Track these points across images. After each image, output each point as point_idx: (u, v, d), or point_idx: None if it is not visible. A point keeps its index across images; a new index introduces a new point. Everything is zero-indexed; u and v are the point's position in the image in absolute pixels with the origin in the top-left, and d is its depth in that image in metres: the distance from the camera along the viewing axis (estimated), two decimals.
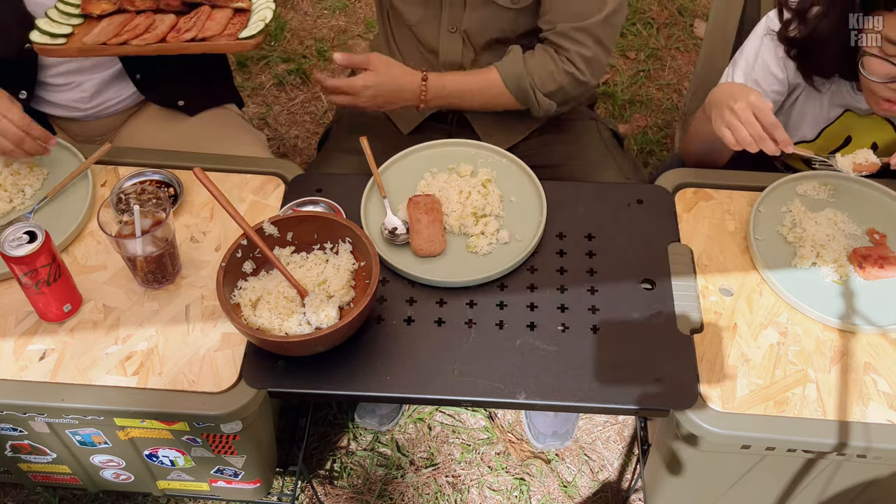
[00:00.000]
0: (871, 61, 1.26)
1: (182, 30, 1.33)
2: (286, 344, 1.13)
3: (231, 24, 1.35)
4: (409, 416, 1.89)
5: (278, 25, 2.89)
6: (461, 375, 1.17)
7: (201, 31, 1.31)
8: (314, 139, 2.57)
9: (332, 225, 1.24)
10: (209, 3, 1.37)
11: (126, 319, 1.23)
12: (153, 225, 1.21)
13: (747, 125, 1.24)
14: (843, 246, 1.31)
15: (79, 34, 1.34)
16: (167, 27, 1.33)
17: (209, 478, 1.37)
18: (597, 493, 1.78)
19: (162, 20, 1.35)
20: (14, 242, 1.12)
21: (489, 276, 1.27)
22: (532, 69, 1.46)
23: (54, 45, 1.32)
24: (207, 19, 1.35)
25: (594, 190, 1.42)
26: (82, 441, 1.26)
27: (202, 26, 1.32)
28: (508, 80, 1.47)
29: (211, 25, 1.33)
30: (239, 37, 1.31)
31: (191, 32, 1.31)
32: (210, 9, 1.37)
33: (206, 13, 1.36)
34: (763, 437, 1.12)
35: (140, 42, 1.30)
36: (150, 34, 1.31)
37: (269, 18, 1.34)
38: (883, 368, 1.18)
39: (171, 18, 1.36)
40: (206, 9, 1.37)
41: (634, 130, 2.60)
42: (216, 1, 1.37)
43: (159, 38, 1.31)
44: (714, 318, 1.24)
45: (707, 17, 2.92)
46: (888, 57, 1.24)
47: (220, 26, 1.33)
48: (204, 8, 1.37)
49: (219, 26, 1.33)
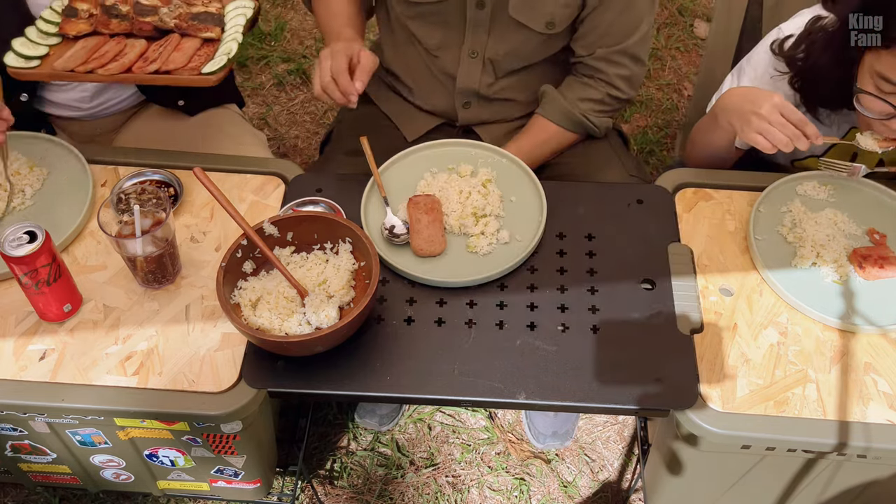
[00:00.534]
0: (866, 98, 1.26)
1: (149, 59, 1.34)
2: (286, 344, 1.13)
3: (198, 54, 1.36)
4: (409, 416, 1.89)
5: (278, 25, 2.89)
6: (461, 375, 1.17)
7: (165, 63, 1.33)
8: (314, 139, 2.57)
9: (332, 225, 1.24)
10: (179, 32, 1.39)
11: (126, 319, 1.23)
12: (153, 225, 1.21)
13: (780, 126, 1.24)
14: (843, 246, 1.31)
15: (54, 55, 1.36)
16: (136, 55, 1.35)
17: (209, 478, 1.37)
18: (597, 493, 1.78)
19: (133, 45, 1.37)
20: (14, 242, 1.12)
21: (489, 276, 1.27)
22: (575, 101, 1.49)
23: (26, 70, 1.34)
24: (175, 49, 1.36)
25: (594, 190, 1.42)
26: (82, 441, 1.26)
27: (167, 57, 1.34)
28: (560, 121, 1.50)
29: (176, 57, 1.34)
30: (202, 71, 1.32)
31: (155, 64, 1.33)
32: (179, 37, 1.39)
33: (174, 42, 1.37)
34: (763, 437, 1.12)
35: (105, 71, 1.32)
36: (116, 63, 1.33)
37: (234, 52, 1.35)
38: (883, 368, 1.18)
39: (141, 44, 1.38)
40: (176, 37, 1.38)
41: (634, 130, 2.60)
42: (186, 30, 1.38)
43: (125, 67, 1.33)
44: (714, 318, 1.24)
45: (707, 18, 2.93)
46: (883, 95, 1.24)
47: (186, 57, 1.34)
48: (173, 36, 1.39)
49: (184, 57, 1.34)
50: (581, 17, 1.43)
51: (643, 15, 1.44)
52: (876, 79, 1.24)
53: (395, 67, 1.62)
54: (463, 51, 1.50)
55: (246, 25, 1.41)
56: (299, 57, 2.81)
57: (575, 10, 1.42)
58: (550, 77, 1.56)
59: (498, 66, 1.51)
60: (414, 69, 1.59)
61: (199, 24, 1.38)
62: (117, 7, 1.40)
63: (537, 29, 1.44)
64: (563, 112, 1.50)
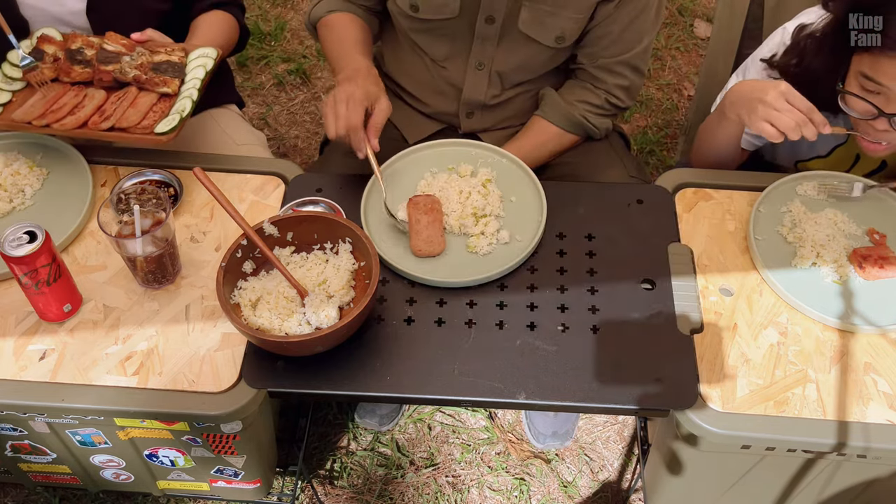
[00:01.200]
0: (850, 99, 1.28)
1: (105, 113, 1.34)
2: (286, 344, 1.13)
3: (153, 110, 1.36)
4: (409, 416, 1.89)
5: (278, 25, 2.90)
6: (461, 375, 1.17)
7: (119, 120, 1.33)
8: (314, 139, 2.57)
9: (332, 225, 1.24)
10: (136, 86, 1.39)
11: (126, 319, 1.23)
12: (153, 225, 1.21)
13: (786, 113, 1.24)
14: (843, 246, 1.31)
15: (17, 101, 1.37)
16: (92, 108, 1.35)
17: (209, 478, 1.37)
18: (597, 493, 1.78)
19: (91, 96, 1.38)
20: (14, 242, 1.12)
21: (489, 276, 1.27)
22: (574, 102, 1.49)
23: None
24: (131, 105, 1.36)
25: (594, 190, 1.42)
26: (82, 441, 1.26)
27: (122, 114, 1.34)
28: (560, 122, 1.50)
29: (131, 114, 1.34)
30: (155, 130, 1.32)
31: (109, 121, 1.33)
32: (137, 90, 1.39)
33: (131, 96, 1.38)
34: (763, 437, 1.12)
35: (60, 126, 1.32)
36: (72, 117, 1.33)
37: (187, 111, 1.34)
38: (883, 368, 1.18)
39: (100, 95, 1.38)
40: (133, 90, 1.39)
41: (634, 130, 2.60)
42: (143, 83, 1.38)
43: (80, 122, 1.33)
44: (714, 318, 1.24)
45: (707, 18, 2.93)
46: (867, 95, 1.25)
47: (140, 115, 1.34)
48: (131, 89, 1.39)
49: (138, 115, 1.34)
50: (588, 29, 1.43)
51: (648, 28, 1.44)
52: (860, 78, 1.24)
53: (397, 76, 1.62)
54: (469, 63, 1.49)
55: (205, 79, 1.40)
56: (299, 57, 2.81)
57: (584, 23, 1.42)
58: (555, 86, 1.56)
59: (505, 79, 1.51)
60: (418, 79, 1.59)
61: (158, 76, 1.38)
62: (82, 51, 1.41)
63: (547, 43, 1.43)
64: (563, 114, 1.50)
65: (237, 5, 1.66)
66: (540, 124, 1.53)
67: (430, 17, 1.43)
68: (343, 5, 1.52)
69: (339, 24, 1.50)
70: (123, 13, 1.49)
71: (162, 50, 1.42)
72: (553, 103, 1.51)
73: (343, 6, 1.52)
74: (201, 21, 1.58)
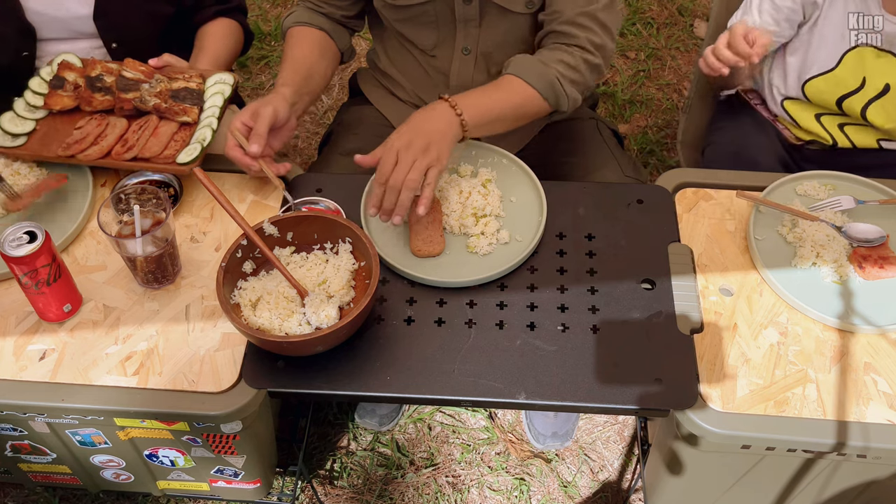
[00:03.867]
0: None
1: (127, 143, 1.36)
2: (286, 344, 1.13)
3: (174, 139, 1.37)
4: (409, 416, 1.89)
5: (278, 25, 2.89)
6: (461, 375, 1.17)
7: (142, 150, 1.35)
8: (314, 139, 2.57)
9: (332, 225, 1.24)
10: (157, 115, 1.40)
11: (126, 319, 1.23)
12: (153, 225, 1.21)
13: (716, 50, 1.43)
14: (843, 246, 1.31)
15: (41, 129, 1.39)
16: (115, 137, 1.37)
17: (209, 478, 1.37)
18: (597, 493, 1.78)
19: (114, 125, 1.39)
20: (14, 242, 1.12)
21: (489, 276, 1.27)
22: (550, 62, 1.41)
23: (11, 148, 1.36)
24: (152, 134, 1.37)
25: (594, 190, 1.42)
26: (82, 441, 1.26)
27: (144, 143, 1.35)
28: (532, 80, 1.39)
29: (153, 144, 1.36)
30: (177, 160, 1.33)
31: (132, 151, 1.34)
32: (157, 119, 1.40)
33: (153, 125, 1.39)
34: (763, 437, 1.12)
35: (85, 157, 1.34)
36: (96, 147, 1.35)
37: (208, 140, 1.35)
38: (883, 368, 1.19)
39: (122, 124, 1.39)
40: (154, 119, 1.39)
41: (634, 130, 2.60)
42: (163, 112, 1.39)
43: (104, 151, 1.35)
44: (714, 318, 1.24)
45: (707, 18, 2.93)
46: None
47: (162, 145, 1.36)
48: (152, 118, 1.40)
49: (160, 145, 1.36)
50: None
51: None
52: None
53: (392, 74, 1.62)
54: (456, 48, 1.50)
55: (223, 107, 1.41)
56: None
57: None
58: None
59: (490, 61, 1.51)
60: (411, 74, 1.59)
61: (178, 104, 1.39)
62: (102, 78, 1.41)
63: (518, 10, 1.44)
64: (536, 71, 1.40)
65: (240, 10, 1.66)
66: (510, 81, 1.42)
67: (408, 2, 1.44)
68: (311, 17, 1.53)
69: (293, 39, 1.51)
70: (129, 18, 1.49)
71: (180, 76, 1.43)
72: (525, 59, 1.43)
73: (311, 18, 1.53)
74: (208, 35, 1.58)
